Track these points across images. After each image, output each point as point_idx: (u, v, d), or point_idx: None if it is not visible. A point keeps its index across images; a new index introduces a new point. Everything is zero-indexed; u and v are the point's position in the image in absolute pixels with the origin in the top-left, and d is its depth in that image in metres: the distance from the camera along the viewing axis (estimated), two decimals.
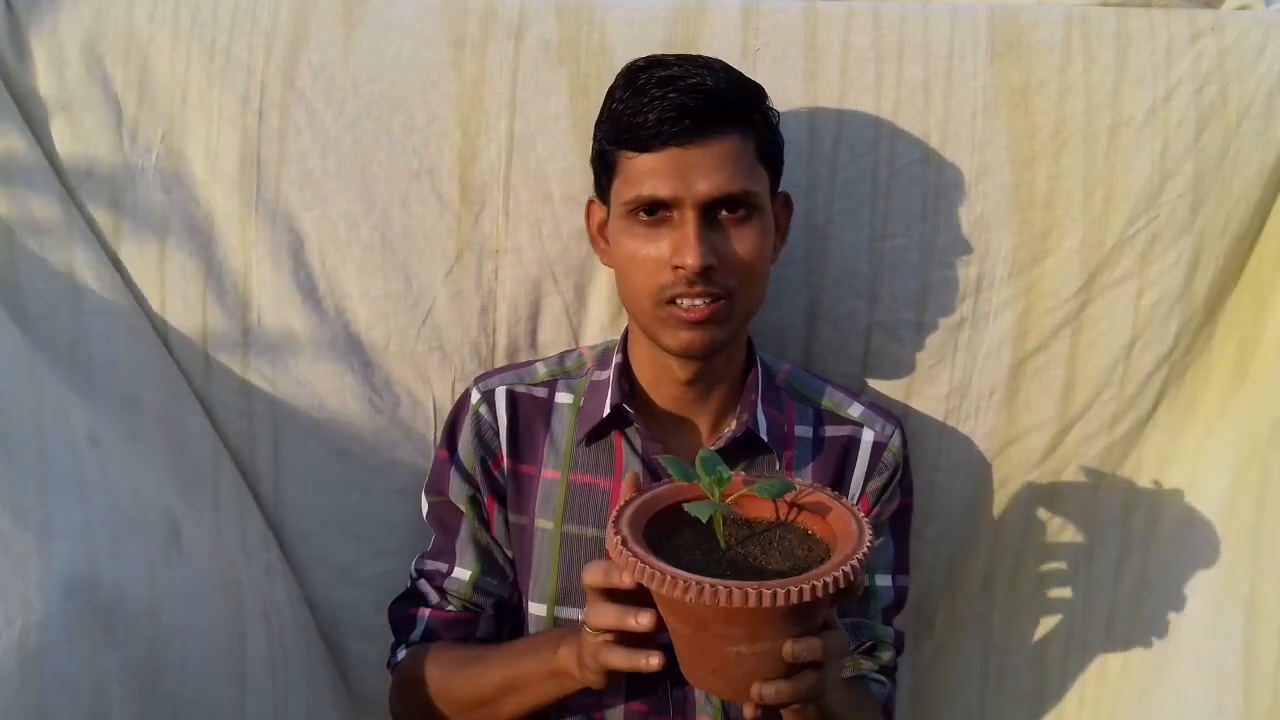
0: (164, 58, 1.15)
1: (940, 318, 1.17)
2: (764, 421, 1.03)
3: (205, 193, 1.16)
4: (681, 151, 0.92)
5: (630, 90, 0.94)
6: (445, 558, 1.08)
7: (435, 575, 1.08)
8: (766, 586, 0.68)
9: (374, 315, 1.17)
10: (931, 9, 1.17)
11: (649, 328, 0.99)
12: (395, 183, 1.15)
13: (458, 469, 1.07)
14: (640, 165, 0.94)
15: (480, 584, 1.07)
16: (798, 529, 0.81)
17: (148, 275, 1.14)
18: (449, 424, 1.10)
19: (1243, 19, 1.15)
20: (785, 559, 0.76)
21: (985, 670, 1.25)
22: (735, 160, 0.93)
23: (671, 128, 0.91)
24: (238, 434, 1.16)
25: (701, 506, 0.75)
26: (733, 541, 0.78)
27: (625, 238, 0.97)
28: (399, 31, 1.15)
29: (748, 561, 0.76)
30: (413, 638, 1.06)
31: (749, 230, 0.95)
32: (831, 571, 0.70)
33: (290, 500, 1.17)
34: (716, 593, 0.67)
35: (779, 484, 0.79)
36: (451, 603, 1.07)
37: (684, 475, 0.79)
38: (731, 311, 0.96)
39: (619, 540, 0.74)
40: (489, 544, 1.08)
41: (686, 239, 0.92)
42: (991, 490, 1.20)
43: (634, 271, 0.96)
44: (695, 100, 0.91)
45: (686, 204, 0.93)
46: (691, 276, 0.93)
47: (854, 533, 0.75)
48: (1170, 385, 1.18)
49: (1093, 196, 1.14)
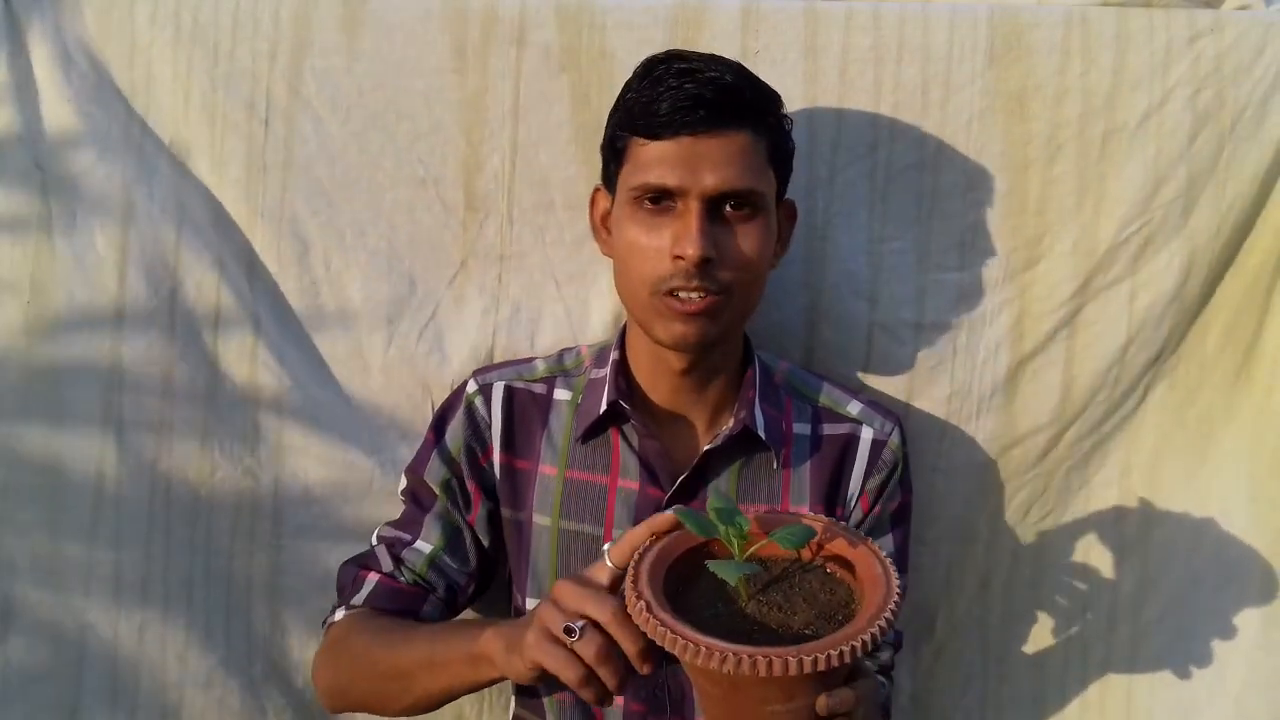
0: (166, 61, 1.16)
1: (939, 320, 1.18)
2: (762, 419, 1.04)
3: (212, 198, 1.17)
4: (692, 141, 0.92)
5: (647, 80, 0.95)
6: (410, 529, 1.07)
7: (396, 543, 1.07)
8: (806, 652, 0.66)
9: (377, 319, 1.19)
10: (931, 9, 1.16)
11: (643, 318, 0.98)
12: (401, 192, 1.17)
13: (440, 453, 1.07)
14: (650, 152, 0.94)
15: (438, 561, 1.06)
16: (816, 569, 0.79)
17: (154, 276, 1.16)
18: (441, 410, 1.10)
19: (1242, 19, 1.14)
20: (810, 606, 0.74)
21: (985, 673, 1.26)
22: (745, 157, 0.93)
23: (685, 116, 0.91)
24: (242, 434, 1.19)
25: (727, 568, 0.72)
26: (753, 588, 0.76)
27: (628, 224, 0.96)
28: (401, 37, 1.15)
29: (774, 613, 0.74)
30: (354, 600, 1.04)
31: (752, 228, 0.96)
32: (868, 629, 0.68)
33: (291, 499, 1.19)
34: (756, 663, 0.66)
35: (801, 531, 0.76)
36: (404, 574, 1.05)
37: (701, 530, 0.76)
38: (726, 307, 0.96)
39: (642, 606, 0.71)
40: (459, 526, 1.07)
41: (689, 229, 0.92)
42: (990, 493, 1.21)
43: (634, 259, 0.96)
44: (711, 92, 0.91)
45: (692, 194, 0.93)
46: (690, 269, 0.92)
47: (880, 578, 0.73)
48: (1160, 385, 1.19)
49: (1086, 201, 1.15)
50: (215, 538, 1.19)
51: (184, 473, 1.17)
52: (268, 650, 1.21)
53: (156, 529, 1.17)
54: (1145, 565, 1.21)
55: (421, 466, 1.08)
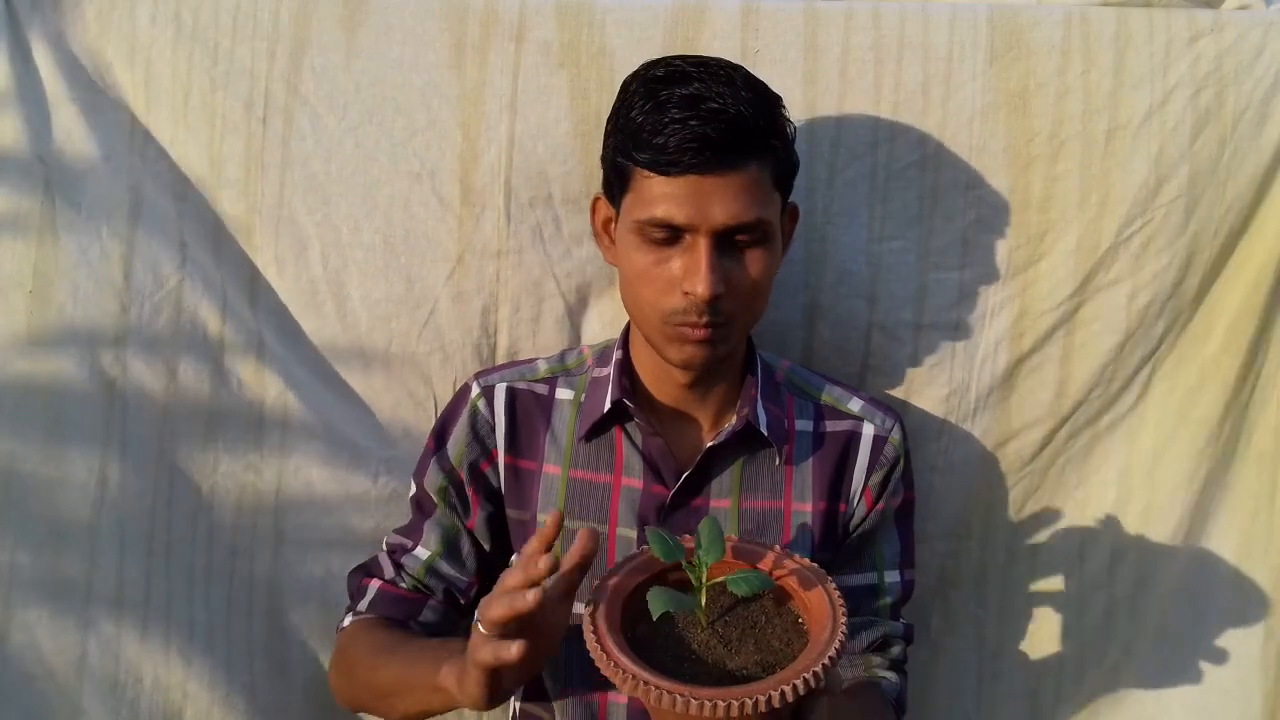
0: (165, 60, 1.16)
1: (938, 318, 1.18)
2: (764, 416, 1.04)
3: (211, 197, 1.17)
4: (700, 180, 0.91)
5: (651, 104, 0.92)
6: (411, 535, 1.09)
7: (397, 549, 1.09)
8: (748, 694, 0.70)
9: (376, 317, 1.19)
10: (931, 9, 1.16)
11: (653, 339, 1.00)
12: (397, 185, 1.16)
13: (439, 461, 1.08)
14: (656, 188, 0.92)
15: (436, 567, 1.07)
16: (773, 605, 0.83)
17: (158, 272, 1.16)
18: (444, 416, 1.10)
19: (1242, 19, 1.15)
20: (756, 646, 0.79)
21: (980, 670, 1.26)
22: (752, 191, 0.92)
23: (692, 158, 0.90)
24: (244, 434, 1.18)
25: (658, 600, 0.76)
26: (715, 610, 0.81)
27: (635, 252, 0.96)
28: (400, 35, 1.15)
29: (720, 648, 0.78)
30: (359, 607, 1.07)
31: (759, 253, 0.96)
32: (802, 673, 0.72)
33: (293, 497, 1.19)
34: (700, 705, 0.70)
35: (755, 578, 0.80)
36: (404, 580, 1.07)
37: (665, 554, 0.81)
38: (734, 331, 0.98)
39: (594, 638, 0.76)
40: (457, 533, 1.08)
41: (698, 267, 0.92)
42: (986, 489, 1.22)
43: (642, 287, 0.96)
44: (717, 130, 0.89)
45: (701, 231, 0.92)
46: (701, 305, 0.93)
47: (827, 622, 0.77)
48: (1161, 386, 1.19)
49: (1088, 200, 1.15)
50: (217, 535, 1.18)
51: (186, 470, 1.17)
52: (270, 649, 1.20)
53: (159, 527, 1.16)
54: (1141, 564, 1.21)
55: (423, 474, 1.09)
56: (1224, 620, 1.20)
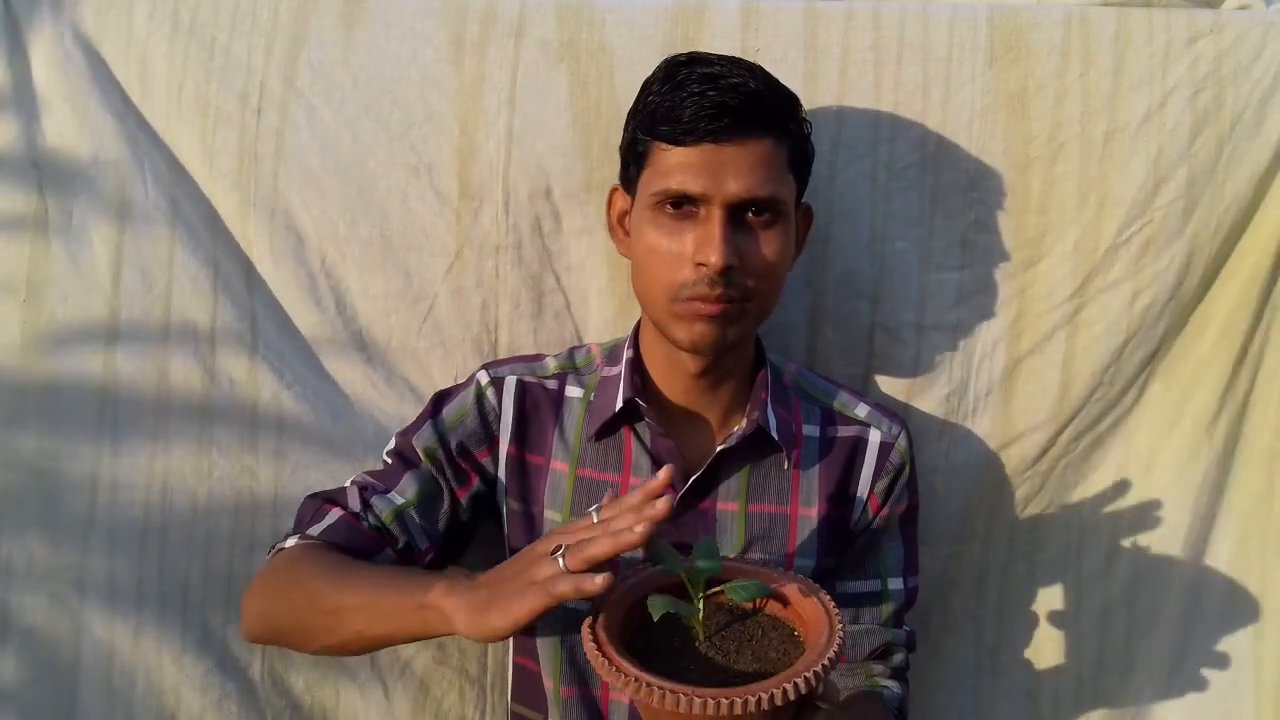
0: (161, 55, 1.15)
1: (939, 319, 1.18)
2: (774, 420, 1.04)
3: (204, 191, 1.16)
4: (716, 149, 0.92)
5: (670, 84, 0.94)
6: (386, 480, 1.04)
7: (368, 488, 1.04)
8: (749, 693, 0.71)
9: (375, 312, 1.18)
10: (931, 9, 1.16)
11: (661, 321, 0.99)
12: (394, 179, 1.15)
13: (435, 425, 1.06)
14: (673, 159, 0.94)
15: (406, 515, 1.03)
16: (770, 617, 0.84)
17: (152, 273, 1.15)
18: (444, 391, 1.09)
19: (1242, 20, 1.15)
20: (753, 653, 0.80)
21: (979, 669, 1.26)
22: (767, 164, 0.93)
23: (709, 125, 0.91)
24: (241, 432, 1.17)
25: (657, 605, 0.77)
26: (712, 626, 0.82)
27: (649, 228, 0.96)
28: (399, 32, 1.15)
29: (719, 655, 0.79)
30: (311, 530, 1.01)
31: (773, 234, 0.96)
32: (803, 673, 0.73)
33: (291, 499, 1.16)
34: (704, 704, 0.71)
35: (754, 586, 0.81)
36: (369, 517, 1.02)
37: (669, 564, 0.82)
38: (745, 311, 0.97)
39: (594, 646, 0.76)
40: (439, 491, 1.05)
41: (711, 237, 0.92)
42: (987, 491, 1.21)
43: (654, 264, 0.96)
44: (735, 100, 0.91)
45: (715, 202, 0.93)
46: (713, 276, 0.93)
47: (823, 630, 0.78)
48: (1156, 384, 1.20)
49: (1087, 201, 1.15)
50: (213, 538, 1.16)
51: (182, 473, 1.15)
52: (265, 652, 1.19)
53: (153, 529, 1.15)
54: (1138, 562, 1.21)
55: (413, 432, 1.06)
56: (1220, 619, 1.20)
